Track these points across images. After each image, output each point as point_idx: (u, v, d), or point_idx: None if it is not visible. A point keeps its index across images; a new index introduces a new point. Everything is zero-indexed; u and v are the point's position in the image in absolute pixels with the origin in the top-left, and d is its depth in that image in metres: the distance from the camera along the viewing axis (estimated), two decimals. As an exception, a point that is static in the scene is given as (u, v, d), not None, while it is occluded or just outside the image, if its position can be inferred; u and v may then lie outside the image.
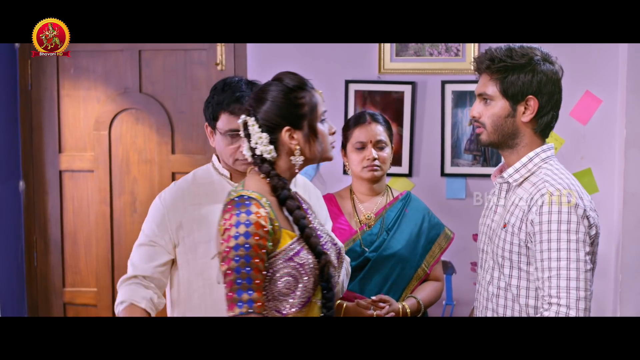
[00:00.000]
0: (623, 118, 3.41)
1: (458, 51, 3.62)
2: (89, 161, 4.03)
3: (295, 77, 2.10)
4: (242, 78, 2.55)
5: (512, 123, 2.16)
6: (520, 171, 2.17)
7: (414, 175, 3.71)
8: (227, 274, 1.92)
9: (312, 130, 2.07)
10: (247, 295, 1.90)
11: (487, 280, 2.23)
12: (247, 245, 1.91)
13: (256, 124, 2.04)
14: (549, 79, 2.16)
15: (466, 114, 3.64)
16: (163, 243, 2.51)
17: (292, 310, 2.00)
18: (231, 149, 2.47)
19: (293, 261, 1.98)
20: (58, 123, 4.05)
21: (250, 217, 1.92)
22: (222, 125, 2.47)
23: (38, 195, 4.08)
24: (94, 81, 4.00)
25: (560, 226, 2.01)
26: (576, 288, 1.98)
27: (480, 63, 2.21)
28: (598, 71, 3.53)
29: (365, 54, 3.67)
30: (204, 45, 3.87)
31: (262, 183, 2.05)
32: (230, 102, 2.44)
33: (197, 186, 2.57)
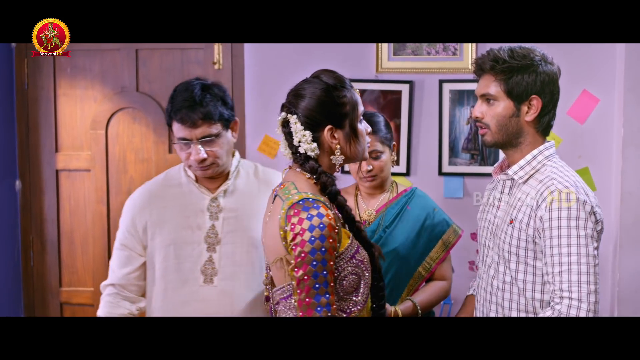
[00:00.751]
0: (620, 117, 3.41)
1: (456, 50, 3.62)
2: (86, 160, 4.02)
3: (335, 74, 2.08)
4: (199, 82, 2.49)
5: (517, 123, 2.20)
6: (525, 168, 2.21)
7: (412, 174, 3.71)
8: (303, 280, 1.88)
9: (353, 130, 2.06)
10: (324, 299, 1.88)
11: (491, 275, 2.27)
12: (323, 249, 1.88)
13: (298, 122, 2.01)
14: (551, 79, 2.21)
15: (464, 113, 3.64)
16: (132, 246, 2.53)
17: (357, 309, 2.00)
18: (184, 156, 2.45)
19: (355, 259, 1.98)
20: (55, 122, 4.04)
21: (323, 220, 1.89)
22: (175, 133, 2.45)
23: (34, 195, 4.07)
24: (91, 80, 3.99)
25: (570, 222, 2.06)
26: (587, 282, 2.04)
27: (483, 64, 2.23)
28: (595, 70, 3.53)
29: (363, 53, 3.67)
30: (201, 45, 3.87)
31: (310, 182, 2.02)
32: (177, 111, 2.41)
33: (164, 188, 2.57)
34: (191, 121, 2.39)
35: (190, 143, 2.41)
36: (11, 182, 4.06)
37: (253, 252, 2.52)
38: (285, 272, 1.96)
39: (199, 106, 2.40)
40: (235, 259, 2.51)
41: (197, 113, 2.39)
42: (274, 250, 1.98)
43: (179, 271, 2.50)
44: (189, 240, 2.51)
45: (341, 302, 1.97)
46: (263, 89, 3.82)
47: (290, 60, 3.77)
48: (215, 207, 2.52)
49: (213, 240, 2.51)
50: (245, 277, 2.52)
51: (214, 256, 2.51)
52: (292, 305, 1.96)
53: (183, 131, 2.41)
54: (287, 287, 1.97)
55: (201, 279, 2.50)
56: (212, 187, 2.54)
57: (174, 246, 2.50)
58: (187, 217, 2.52)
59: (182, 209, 2.53)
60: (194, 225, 2.51)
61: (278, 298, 2.02)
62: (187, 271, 2.50)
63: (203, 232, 2.51)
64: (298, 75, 3.71)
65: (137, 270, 2.55)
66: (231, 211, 2.53)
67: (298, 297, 1.90)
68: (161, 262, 2.51)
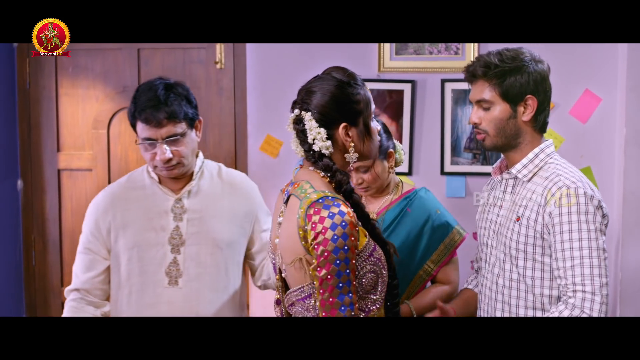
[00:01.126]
0: (623, 116, 3.40)
1: (458, 50, 3.62)
2: (88, 160, 4.01)
3: (348, 71, 2.06)
4: (162, 81, 2.47)
5: (514, 124, 2.24)
6: (528, 167, 2.24)
7: (414, 174, 3.71)
8: (327, 279, 1.86)
9: (367, 127, 2.04)
10: (348, 299, 1.87)
11: (496, 274, 2.29)
12: (345, 247, 1.86)
13: (313, 119, 1.99)
14: (542, 77, 2.24)
15: (466, 113, 3.63)
16: (97, 249, 2.51)
17: (376, 307, 1.99)
18: (148, 156, 2.44)
19: (373, 257, 1.96)
20: (56, 122, 4.04)
21: (345, 218, 1.87)
22: (139, 133, 2.43)
23: (36, 194, 4.06)
24: (93, 80, 3.98)
25: (580, 217, 2.10)
26: (599, 275, 2.08)
27: (475, 70, 2.25)
28: (597, 70, 3.52)
29: (365, 52, 3.67)
30: (203, 44, 3.86)
31: (325, 181, 2.00)
32: (141, 111, 2.39)
33: (127, 190, 2.55)
34: (156, 121, 2.37)
35: (156, 143, 2.39)
36: (13, 181, 4.06)
37: (217, 253, 2.51)
38: (305, 273, 1.93)
39: (164, 105, 2.38)
40: (199, 260, 2.50)
41: (162, 112, 2.37)
42: (292, 250, 1.95)
43: (143, 274, 2.49)
44: (152, 242, 2.49)
45: (360, 301, 1.95)
46: (265, 88, 3.82)
47: (293, 60, 3.76)
48: (179, 208, 2.50)
49: (177, 242, 2.49)
50: (210, 278, 2.50)
51: (178, 258, 2.49)
52: (311, 305, 1.94)
53: (148, 131, 2.38)
54: (306, 287, 1.94)
55: (166, 280, 2.48)
56: (176, 188, 2.52)
57: (138, 249, 2.48)
58: (151, 219, 2.50)
59: (146, 211, 2.51)
60: (158, 227, 2.49)
61: (294, 299, 2.00)
62: (151, 273, 2.48)
63: (167, 234, 2.49)
64: (300, 74, 3.71)
65: (101, 274, 2.53)
66: (195, 212, 2.51)
67: (321, 297, 1.87)
68: (125, 265, 2.49)
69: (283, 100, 3.79)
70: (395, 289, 2.05)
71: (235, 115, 3.87)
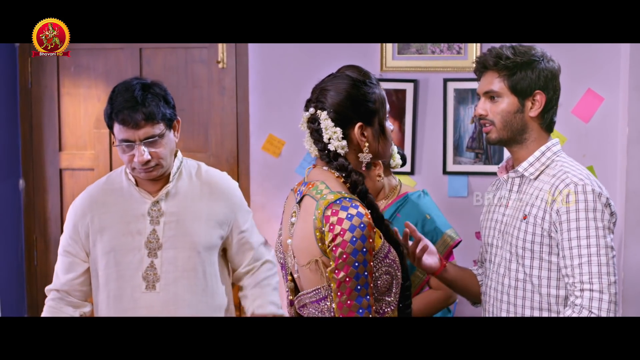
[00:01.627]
0: (625, 115, 3.40)
1: (460, 49, 3.61)
2: (90, 159, 4.01)
3: (362, 70, 2.02)
4: (139, 81, 2.41)
5: (521, 118, 2.21)
6: (534, 165, 2.22)
7: (416, 173, 3.70)
8: (345, 282, 1.83)
9: (382, 127, 2.01)
10: (366, 301, 1.84)
11: (501, 274, 2.26)
12: (364, 249, 1.83)
13: (329, 118, 1.95)
14: (553, 75, 2.23)
15: (468, 112, 3.63)
16: (75, 252, 2.48)
17: (391, 309, 1.96)
18: (127, 158, 2.37)
19: (388, 259, 1.94)
20: (58, 121, 4.04)
21: (363, 220, 1.83)
22: (116, 134, 2.37)
23: (38, 194, 4.06)
24: (95, 79, 3.98)
25: (588, 214, 2.09)
26: (607, 273, 2.06)
27: (486, 61, 2.23)
28: (600, 69, 3.52)
29: (367, 52, 3.66)
30: (205, 44, 3.86)
31: (340, 181, 1.96)
32: (119, 112, 2.33)
33: (105, 193, 2.50)
34: (134, 122, 2.31)
35: (134, 145, 2.34)
36: (14, 181, 4.05)
37: (195, 256, 2.46)
38: (322, 274, 1.89)
39: (141, 106, 2.32)
40: (177, 264, 2.45)
41: (140, 113, 2.32)
42: (307, 251, 1.91)
43: (120, 279, 2.45)
44: (129, 246, 2.44)
45: (375, 303, 1.92)
46: (267, 88, 3.82)
47: (295, 60, 3.76)
48: (156, 211, 2.45)
49: (154, 246, 2.44)
50: (188, 282, 2.46)
51: (156, 262, 2.44)
52: (326, 307, 1.91)
53: (125, 132, 2.33)
54: (321, 289, 1.91)
55: (143, 285, 2.44)
56: (154, 190, 2.46)
57: (115, 253, 2.44)
58: (128, 222, 2.46)
59: (123, 215, 2.46)
60: (134, 231, 2.45)
61: (307, 301, 1.97)
62: (128, 278, 2.44)
63: (143, 238, 2.44)
64: (302, 74, 3.74)
65: (81, 277, 2.50)
66: (172, 215, 2.46)
67: (339, 300, 1.84)
68: (103, 270, 2.46)
69: (285, 99, 3.81)
70: (407, 290, 2.03)
71: (237, 115, 3.87)
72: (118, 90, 2.39)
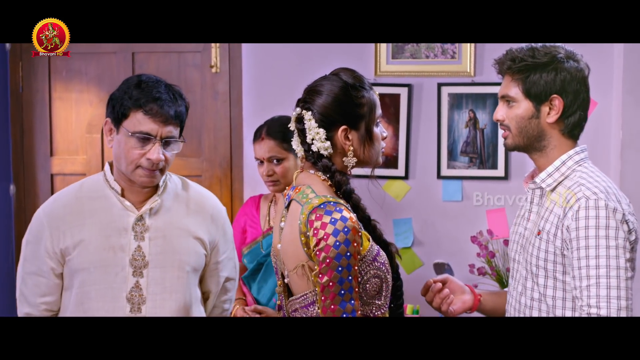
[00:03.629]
0: (619, 120, 3.41)
1: (454, 53, 3.62)
2: (81, 165, 3.98)
3: (355, 74, 2.02)
4: (161, 79, 2.27)
5: (537, 124, 2.09)
6: (553, 175, 2.09)
7: (410, 178, 3.70)
8: (328, 286, 1.83)
9: (368, 133, 2.00)
10: (350, 306, 1.84)
11: (519, 292, 2.15)
12: (348, 253, 1.83)
13: (313, 119, 1.96)
14: (574, 77, 2.09)
15: (462, 117, 3.63)
16: (47, 269, 2.24)
17: (381, 312, 1.96)
18: (137, 154, 2.17)
19: (377, 261, 1.93)
20: (49, 126, 4.00)
21: (347, 224, 1.84)
22: (132, 125, 2.17)
23: (29, 199, 4.03)
24: (87, 84, 3.96)
25: (599, 232, 1.93)
26: (617, 297, 1.90)
27: (502, 64, 2.14)
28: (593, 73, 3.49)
29: (362, 56, 3.66)
30: (198, 47, 3.85)
31: (326, 184, 1.96)
32: (147, 101, 2.16)
33: (80, 202, 2.27)
34: (164, 116, 2.17)
35: (152, 140, 2.17)
36: (5, 186, 4.02)
37: (183, 277, 2.27)
38: (308, 279, 1.90)
39: (173, 103, 2.20)
40: (165, 285, 2.25)
41: (172, 109, 2.19)
42: (294, 257, 1.92)
43: (100, 299, 2.22)
44: (111, 263, 2.22)
45: (364, 306, 1.92)
46: (261, 92, 3.80)
47: (288, 64, 3.76)
48: (140, 225, 2.24)
49: (140, 264, 2.23)
50: (176, 305, 2.26)
51: (141, 281, 2.23)
52: (314, 312, 1.91)
53: (149, 124, 2.16)
54: (309, 294, 1.92)
55: (127, 307, 2.22)
56: (138, 201, 2.26)
57: (94, 270, 2.21)
58: (108, 236, 2.23)
59: (103, 227, 2.23)
60: (117, 247, 2.23)
61: (297, 306, 1.97)
62: (110, 299, 2.22)
63: (127, 255, 2.23)
64: (296, 78, 3.72)
65: (54, 295, 2.27)
66: (159, 230, 2.26)
67: (322, 304, 1.85)
68: (78, 288, 2.22)
69: (279, 104, 3.79)
70: (398, 289, 2.03)
71: (230, 120, 3.86)
72: (147, 79, 2.22)
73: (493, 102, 3.58)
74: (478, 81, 3.61)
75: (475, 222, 3.60)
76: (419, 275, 3.61)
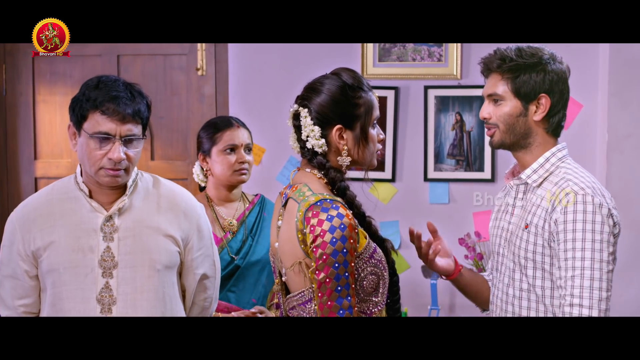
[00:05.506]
0: (605, 122, 3.44)
1: (441, 56, 3.63)
2: (66, 168, 3.95)
3: (354, 74, 2.04)
4: (120, 78, 2.25)
5: (525, 122, 2.16)
6: (538, 172, 2.16)
7: (397, 180, 3.70)
8: (325, 282, 1.85)
9: (364, 134, 2.01)
10: (347, 302, 1.86)
11: (506, 283, 2.21)
12: (344, 250, 1.85)
13: (309, 116, 1.98)
14: (560, 78, 2.17)
15: (449, 119, 3.64)
16: (21, 271, 2.25)
17: (378, 309, 1.97)
18: (98, 155, 2.16)
19: (374, 258, 1.95)
20: (33, 129, 3.98)
21: (344, 221, 1.86)
22: (91, 126, 2.15)
23: (12, 203, 3.97)
24: (71, 86, 3.92)
25: (586, 225, 2.02)
26: (599, 288, 2.01)
27: (490, 63, 2.18)
28: (578, 76, 3.53)
29: (348, 59, 3.66)
30: (184, 50, 3.84)
31: (322, 182, 1.98)
32: (104, 101, 2.14)
33: (50, 204, 2.26)
34: (121, 115, 2.14)
35: (112, 139, 2.16)
36: (-12, 190, 3.98)
37: (155, 276, 2.25)
38: (305, 276, 1.91)
39: (130, 101, 2.18)
40: (136, 285, 2.24)
41: (129, 107, 2.16)
42: (291, 254, 1.94)
43: (70, 299, 2.21)
44: (80, 264, 2.21)
45: (361, 303, 1.94)
46: (247, 94, 3.79)
47: (275, 67, 3.75)
48: (109, 226, 2.24)
49: (109, 264, 2.22)
50: (148, 304, 2.25)
51: (111, 282, 2.22)
52: (311, 310, 1.92)
53: (107, 125, 2.14)
54: (306, 291, 1.93)
55: (98, 309, 2.21)
56: (107, 202, 2.25)
57: (64, 272, 2.21)
58: (78, 237, 2.22)
59: (72, 228, 2.23)
60: (86, 247, 2.22)
61: (294, 304, 1.98)
62: (80, 300, 2.21)
63: (96, 256, 2.22)
64: (282, 81, 3.73)
65: (32, 296, 2.28)
66: (128, 230, 2.24)
67: (319, 301, 1.86)
68: (50, 289, 2.22)
69: (265, 107, 3.79)
70: (395, 285, 2.04)
71: (217, 122, 3.84)
72: (105, 80, 2.21)
73: (479, 104, 3.59)
74: (464, 84, 3.62)
75: (462, 224, 3.61)
76: (406, 278, 3.60)
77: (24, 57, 3.94)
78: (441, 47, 3.63)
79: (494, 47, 2.25)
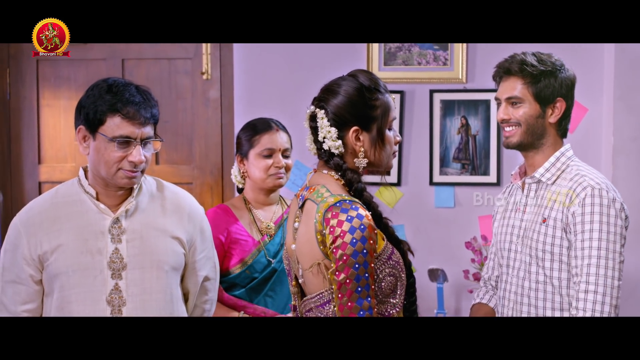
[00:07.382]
0: (610, 126, 3.44)
1: (446, 60, 3.63)
2: (70, 172, 3.93)
3: (372, 76, 2.05)
4: (130, 81, 2.26)
5: (542, 124, 2.32)
6: (550, 170, 2.32)
7: (403, 184, 3.70)
8: (345, 283, 1.85)
9: (380, 136, 2.01)
10: (367, 303, 1.85)
11: (521, 277, 2.33)
12: (364, 250, 1.85)
13: (325, 117, 1.99)
14: (572, 84, 2.37)
15: (454, 123, 3.64)
16: (26, 276, 2.24)
17: (396, 311, 1.96)
18: (118, 158, 2.17)
19: (392, 260, 1.94)
20: (37, 133, 3.97)
21: (364, 221, 1.85)
22: (111, 130, 2.16)
23: (17, 207, 3.95)
24: (75, 90, 3.92)
25: (602, 218, 2.18)
26: (612, 277, 2.16)
27: (510, 66, 2.32)
28: (583, 80, 3.54)
29: (354, 63, 3.64)
30: (189, 54, 3.84)
31: (339, 184, 1.98)
32: (124, 105, 2.16)
33: (56, 207, 2.26)
34: (143, 118, 2.18)
35: (132, 143, 2.18)
36: (-8, 194, 3.97)
37: (163, 277, 2.27)
38: (324, 278, 1.91)
39: (147, 105, 2.21)
40: (144, 286, 2.25)
41: (148, 111, 2.20)
42: (310, 255, 1.93)
43: (80, 302, 2.21)
44: (89, 266, 2.22)
45: (379, 305, 1.93)
46: (252, 98, 3.79)
47: (280, 70, 3.75)
48: (117, 228, 2.25)
49: (118, 266, 2.23)
50: (157, 305, 2.26)
51: (120, 283, 2.23)
52: (330, 311, 1.91)
53: (128, 128, 2.16)
54: (325, 293, 1.92)
55: (108, 310, 2.22)
56: (114, 204, 2.27)
57: (72, 274, 2.21)
58: (86, 240, 2.23)
59: (80, 231, 2.24)
60: (94, 250, 2.23)
61: (312, 306, 1.97)
62: (90, 302, 2.21)
63: (105, 258, 2.23)
64: (287, 85, 3.73)
65: (35, 301, 2.27)
66: (135, 232, 2.27)
67: (339, 302, 1.86)
68: (58, 293, 2.22)
69: (270, 110, 3.77)
70: (411, 287, 2.04)
71: (222, 127, 3.85)
72: (119, 83, 2.21)
73: (485, 108, 3.60)
74: (470, 88, 3.63)
75: (468, 228, 3.61)
76: (412, 281, 3.61)
77: (28, 61, 3.94)
78: (446, 51, 3.63)
79: (499, 49, 2.37)
